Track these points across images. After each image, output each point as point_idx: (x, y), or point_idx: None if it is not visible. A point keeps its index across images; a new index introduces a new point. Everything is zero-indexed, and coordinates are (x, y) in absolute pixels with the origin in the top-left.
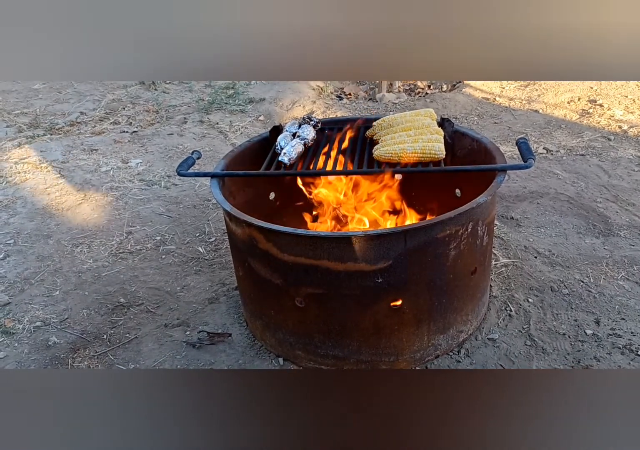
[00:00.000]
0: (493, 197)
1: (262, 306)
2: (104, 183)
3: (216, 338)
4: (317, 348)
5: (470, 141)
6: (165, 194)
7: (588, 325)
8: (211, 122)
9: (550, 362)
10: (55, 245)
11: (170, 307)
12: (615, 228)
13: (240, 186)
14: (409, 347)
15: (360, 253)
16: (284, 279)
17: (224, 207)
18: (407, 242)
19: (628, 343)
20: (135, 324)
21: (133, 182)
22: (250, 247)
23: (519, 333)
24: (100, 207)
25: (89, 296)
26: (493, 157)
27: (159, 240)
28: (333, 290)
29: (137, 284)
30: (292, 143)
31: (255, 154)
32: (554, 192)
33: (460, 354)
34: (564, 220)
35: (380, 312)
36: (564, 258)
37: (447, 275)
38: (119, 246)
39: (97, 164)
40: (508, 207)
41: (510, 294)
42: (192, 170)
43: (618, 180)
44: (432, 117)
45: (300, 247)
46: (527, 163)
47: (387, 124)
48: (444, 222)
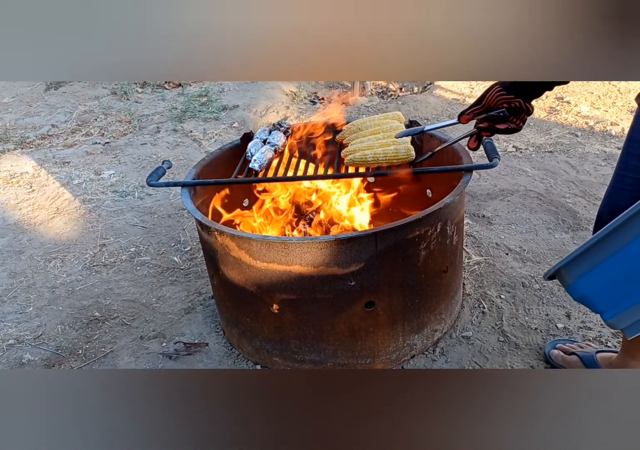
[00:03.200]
0: (461, 197)
1: (238, 314)
2: (77, 196)
3: (193, 348)
4: (294, 354)
5: (438, 142)
6: (139, 204)
7: (559, 319)
8: (185, 130)
9: (523, 357)
10: (27, 261)
11: (146, 319)
12: (584, 222)
13: (213, 194)
14: (385, 349)
15: (332, 257)
16: (257, 286)
17: (195, 217)
18: (377, 245)
19: (598, 335)
20: (111, 337)
21: (106, 193)
22: (223, 256)
23: (492, 329)
24: (73, 221)
25: (63, 311)
26: (460, 158)
27: (133, 252)
28: (307, 295)
29: (112, 297)
30: (262, 150)
31: (227, 162)
32: (523, 189)
33: (436, 353)
34: (534, 217)
35: (354, 315)
36: (534, 254)
37: (419, 276)
38: (93, 259)
39: (69, 177)
40: (479, 206)
41: (483, 291)
42: (164, 180)
43: (586, 175)
44: (400, 120)
45: (272, 254)
46: (492, 162)
47: (356, 127)
48: (412, 223)
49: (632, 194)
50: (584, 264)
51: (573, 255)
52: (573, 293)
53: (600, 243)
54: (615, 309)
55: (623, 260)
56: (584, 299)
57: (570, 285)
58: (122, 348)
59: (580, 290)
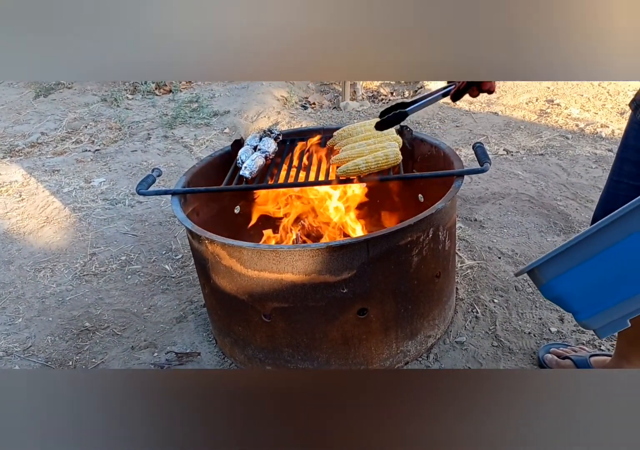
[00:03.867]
0: (452, 202)
1: (230, 323)
2: (67, 204)
3: (185, 358)
4: (287, 362)
5: (429, 147)
6: (130, 212)
7: (552, 323)
8: (175, 136)
9: (517, 361)
10: (17, 271)
11: (137, 329)
12: (576, 225)
13: (204, 201)
14: (378, 356)
15: (324, 264)
16: (249, 294)
17: (186, 225)
18: (369, 251)
19: (591, 339)
20: (102, 348)
21: (96, 201)
22: (214, 264)
23: (486, 334)
24: (63, 229)
25: (53, 322)
26: (451, 162)
27: (124, 260)
28: (299, 303)
29: (103, 307)
30: (253, 157)
31: (218, 169)
32: (515, 192)
33: (430, 359)
34: (525, 220)
35: (347, 322)
36: (527, 257)
37: (412, 282)
38: (83, 268)
39: (59, 185)
40: (471, 209)
41: (476, 295)
42: (154, 188)
43: (577, 178)
44: None
45: (263, 262)
46: (484, 167)
47: (347, 133)
48: (404, 229)
49: (627, 200)
50: (560, 265)
51: (549, 256)
52: (547, 293)
53: (579, 246)
54: (590, 311)
55: (600, 263)
56: (557, 299)
57: (545, 284)
58: (112, 359)
59: (555, 290)
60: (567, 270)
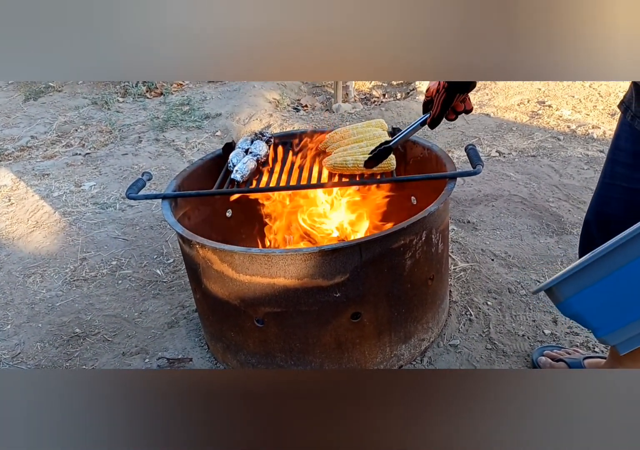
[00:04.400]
0: (445, 205)
1: (222, 328)
2: (57, 208)
3: (176, 364)
4: (280, 367)
5: (421, 149)
6: (121, 216)
7: (546, 325)
8: (167, 139)
9: (511, 364)
10: (5, 277)
11: (128, 335)
12: (569, 226)
13: (195, 205)
14: (372, 360)
15: (317, 269)
16: (241, 299)
17: (176, 230)
18: (362, 255)
19: (585, 340)
20: (92, 354)
21: (87, 205)
22: (205, 269)
23: (480, 337)
24: (53, 234)
25: (42, 328)
26: (443, 165)
27: (114, 265)
28: (291, 307)
29: (93, 313)
30: (244, 160)
31: (209, 172)
32: (507, 194)
33: (423, 363)
34: (518, 222)
35: (340, 326)
36: (520, 259)
37: (405, 285)
38: (73, 274)
39: (49, 189)
40: (464, 211)
41: (469, 298)
42: (144, 192)
43: (569, 179)
44: (383, 128)
45: (255, 266)
46: (476, 169)
47: (339, 136)
48: (397, 232)
49: (622, 203)
50: (578, 282)
51: (567, 274)
52: (565, 310)
53: (597, 263)
54: (609, 327)
55: (619, 280)
56: (576, 317)
57: (562, 302)
58: (103, 365)
59: (574, 308)
60: (585, 287)
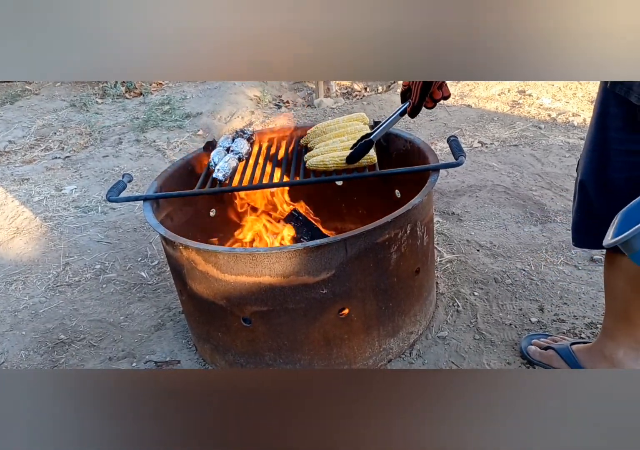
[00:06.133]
0: (429, 197)
1: (209, 329)
2: (37, 214)
3: (164, 367)
4: (269, 366)
5: (403, 142)
6: (103, 219)
7: (533, 313)
8: (148, 140)
9: (499, 354)
10: None
11: (114, 339)
12: (552, 214)
13: (178, 206)
14: (361, 355)
15: (302, 266)
16: (227, 299)
17: (159, 231)
18: (347, 250)
19: (572, 327)
20: (78, 360)
21: (68, 209)
22: (189, 270)
23: (467, 328)
24: (34, 240)
25: (26, 336)
26: (426, 157)
27: (98, 269)
28: (278, 306)
29: (78, 318)
30: (226, 158)
31: (191, 172)
32: (491, 184)
33: (412, 356)
34: (502, 211)
35: (328, 323)
36: (505, 248)
37: (391, 279)
38: (57, 279)
39: (29, 194)
40: (449, 203)
41: (456, 289)
42: (125, 194)
43: (551, 167)
44: (364, 122)
45: (239, 266)
46: (459, 161)
47: (321, 131)
48: (382, 226)
49: (624, 164)
50: None
51: None
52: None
53: None
54: None
55: None
56: None
57: (637, 252)
58: None
59: None
60: None
